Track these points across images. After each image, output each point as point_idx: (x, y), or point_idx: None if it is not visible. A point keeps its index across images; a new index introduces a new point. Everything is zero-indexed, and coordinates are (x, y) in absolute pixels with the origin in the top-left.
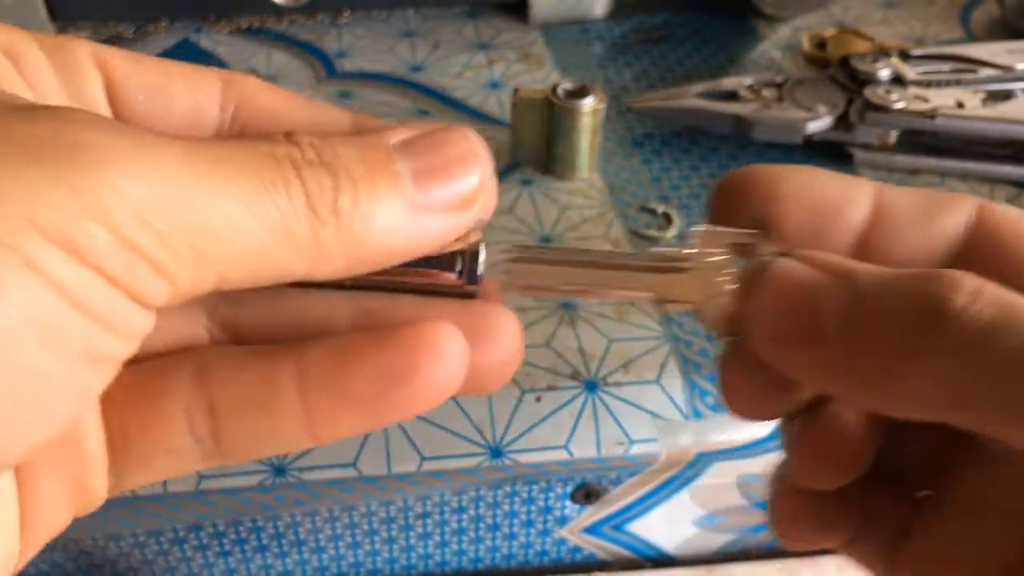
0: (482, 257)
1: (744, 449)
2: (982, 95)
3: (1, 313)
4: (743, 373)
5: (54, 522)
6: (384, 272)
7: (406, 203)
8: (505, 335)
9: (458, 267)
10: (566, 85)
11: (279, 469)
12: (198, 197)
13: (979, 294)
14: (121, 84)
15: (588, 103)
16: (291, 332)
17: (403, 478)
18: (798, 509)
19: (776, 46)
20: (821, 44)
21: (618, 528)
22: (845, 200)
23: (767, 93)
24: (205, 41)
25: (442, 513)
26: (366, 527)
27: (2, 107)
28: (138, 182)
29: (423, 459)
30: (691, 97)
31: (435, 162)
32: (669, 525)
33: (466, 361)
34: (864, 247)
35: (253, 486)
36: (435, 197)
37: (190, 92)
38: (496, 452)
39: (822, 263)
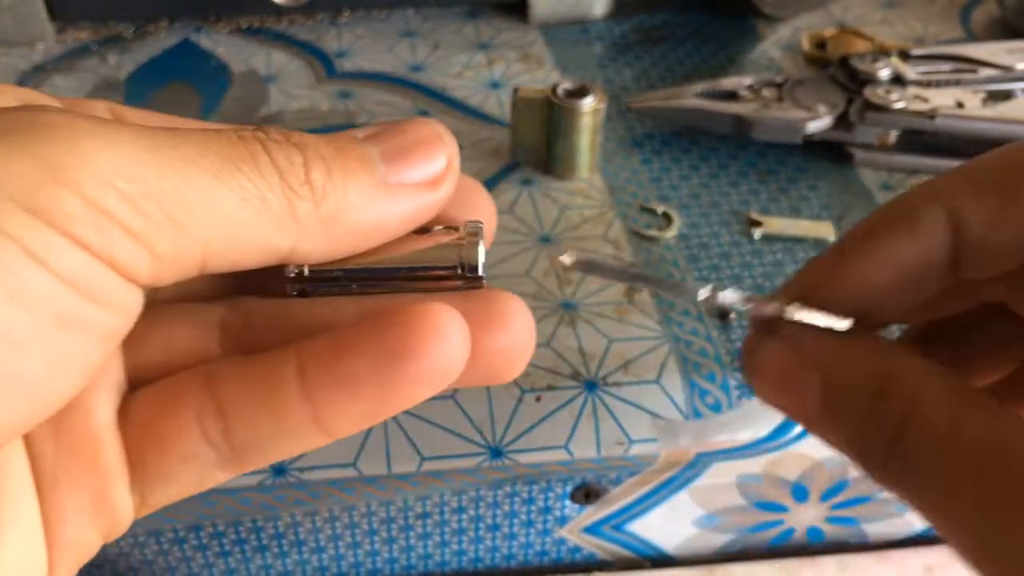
0: (481, 254)
1: (744, 449)
2: (982, 95)
3: None
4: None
5: (81, 544)
6: (385, 275)
7: (377, 180)
8: (513, 321)
9: (458, 265)
10: (566, 85)
11: (279, 469)
12: (166, 165)
13: (904, 426)
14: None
15: (588, 103)
16: (297, 337)
17: (403, 478)
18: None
19: (776, 46)
20: (821, 44)
21: (618, 528)
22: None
23: (767, 93)
24: (205, 41)
25: (442, 513)
26: (366, 527)
27: None
28: (105, 151)
29: (423, 459)
30: (691, 97)
31: (402, 144)
32: (669, 525)
33: (467, 342)
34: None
35: (253, 486)
36: (405, 175)
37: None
38: (496, 452)
39: (804, 348)
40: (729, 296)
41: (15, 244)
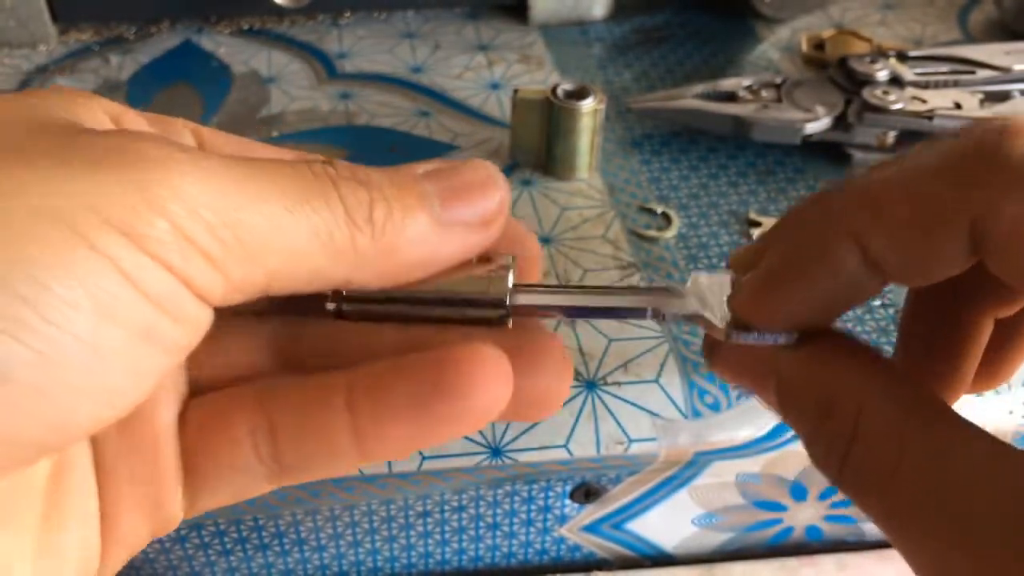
0: (509, 284)
1: (743, 448)
2: (980, 96)
3: (65, 287)
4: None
5: (133, 539)
6: (419, 301)
7: (433, 218)
8: (551, 361)
9: (488, 297)
10: (566, 86)
11: None
12: (244, 198)
13: (850, 446)
14: (211, 147)
15: (588, 103)
16: (346, 362)
17: (403, 477)
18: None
19: (775, 47)
20: (819, 45)
21: (617, 527)
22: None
23: (766, 94)
24: (206, 42)
25: (442, 512)
26: (367, 526)
27: (81, 130)
28: (193, 183)
29: (423, 458)
30: (690, 98)
31: (458, 184)
32: (668, 524)
33: (510, 383)
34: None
35: None
36: (458, 215)
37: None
38: (496, 451)
39: (760, 354)
40: (676, 313)
41: (110, 263)
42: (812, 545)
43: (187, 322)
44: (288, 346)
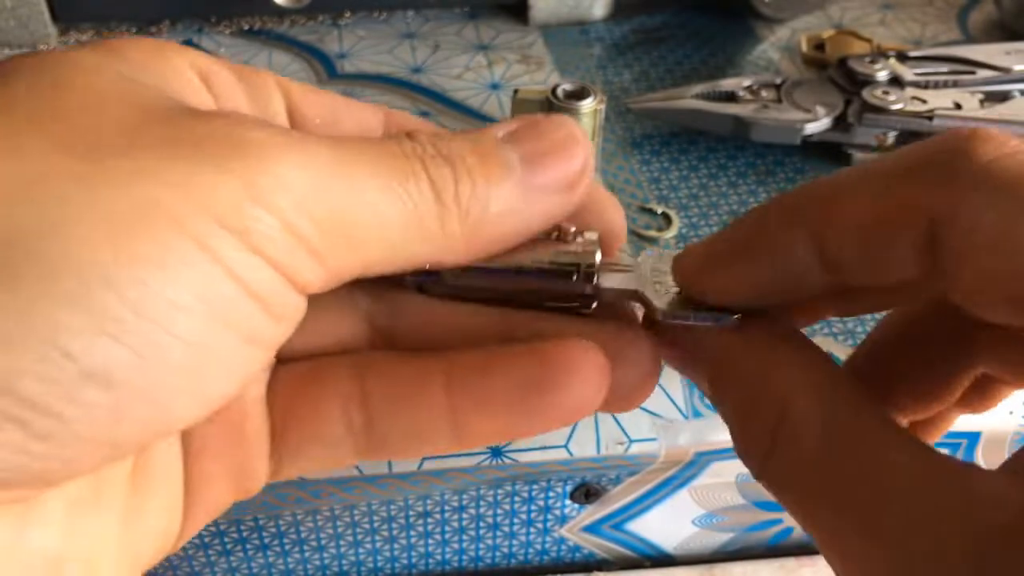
0: (598, 263)
1: None
2: (980, 96)
3: (172, 288)
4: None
5: (217, 503)
6: (510, 280)
7: (517, 186)
8: (641, 357)
9: (575, 277)
10: (566, 86)
11: None
12: (347, 186)
13: (775, 440)
14: (299, 106)
15: (588, 104)
16: (440, 342)
17: (404, 477)
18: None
19: (774, 47)
20: (819, 45)
21: (618, 527)
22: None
23: (765, 94)
24: (207, 42)
25: (442, 512)
26: (367, 526)
27: (181, 111)
28: (298, 173)
29: (424, 458)
30: (690, 98)
31: (541, 148)
32: (668, 524)
33: (606, 380)
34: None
35: None
36: (543, 179)
37: (356, 120)
38: (496, 451)
39: (694, 338)
40: (614, 288)
41: (219, 264)
42: (812, 545)
43: (287, 317)
44: (381, 321)
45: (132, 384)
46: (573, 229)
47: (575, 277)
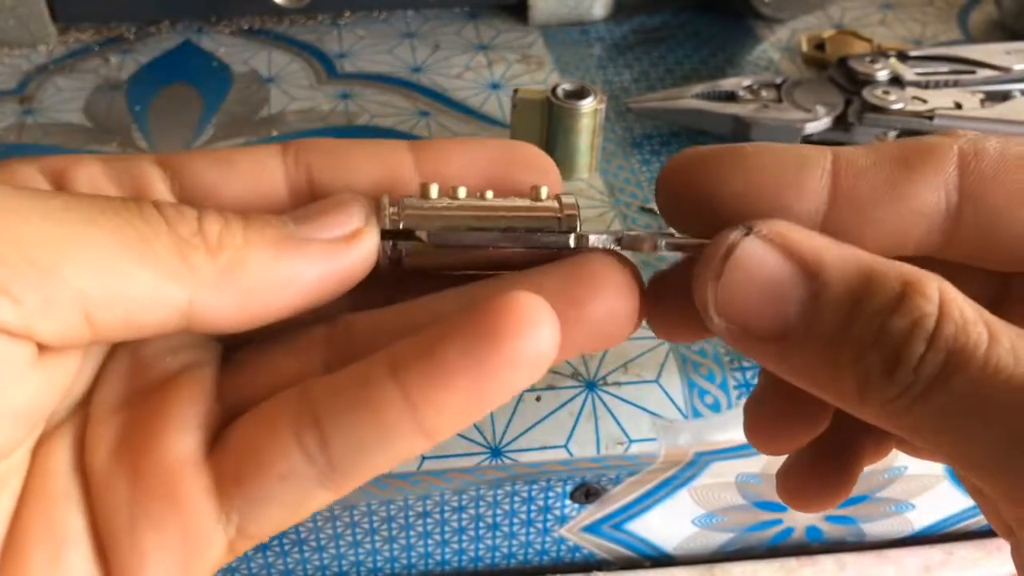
0: (578, 210)
1: (743, 448)
2: (980, 96)
3: None
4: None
5: None
6: (489, 238)
7: (284, 234)
8: (608, 282)
9: (558, 221)
10: (566, 86)
11: None
12: (31, 209)
13: (934, 340)
14: (186, 176)
15: (588, 104)
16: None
17: (403, 477)
18: (772, 430)
19: (775, 47)
20: (819, 45)
21: (617, 527)
22: (796, 182)
23: (766, 94)
24: (206, 42)
25: (442, 512)
26: (366, 526)
27: None
28: None
29: (423, 458)
30: (690, 98)
31: (310, 208)
32: (668, 524)
33: (555, 323)
34: (830, 234)
35: None
36: (315, 232)
37: (252, 161)
38: (496, 451)
39: (791, 247)
40: (601, 240)
41: None
42: (812, 545)
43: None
44: (344, 345)
45: None
46: (546, 189)
47: (558, 226)
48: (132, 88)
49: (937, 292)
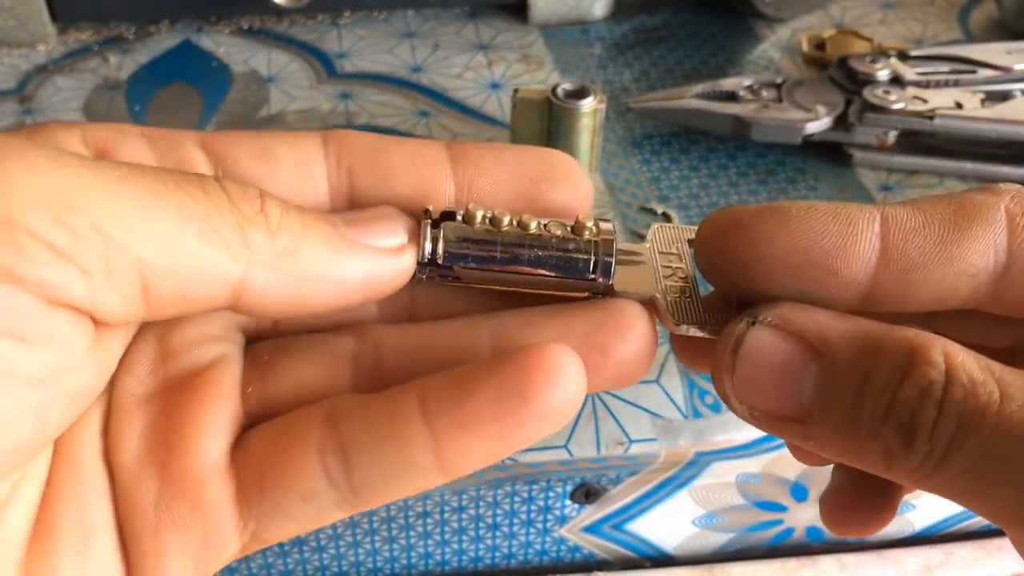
0: (614, 250)
1: (743, 449)
2: (981, 96)
3: None
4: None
5: None
6: (520, 280)
7: (337, 233)
8: (633, 331)
9: (591, 265)
10: (566, 85)
11: None
12: (98, 180)
13: (944, 401)
14: (225, 154)
15: (588, 103)
16: (426, 364)
17: None
18: (848, 514)
19: (775, 47)
20: (820, 45)
21: (618, 527)
22: (844, 247)
23: (766, 94)
24: (206, 42)
25: (442, 512)
26: (366, 526)
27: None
28: (25, 171)
29: None
30: (690, 97)
31: (359, 215)
32: (669, 524)
33: (583, 378)
34: (876, 295)
35: None
36: (363, 235)
37: (291, 147)
38: None
39: (796, 330)
40: (627, 289)
41: None
42: (812, 546)
43: (47, 341)
44: (371, 362)
45: None
46: (590, 223)
47: (591, 270)
48: (132, 88)
49: (942, 357)
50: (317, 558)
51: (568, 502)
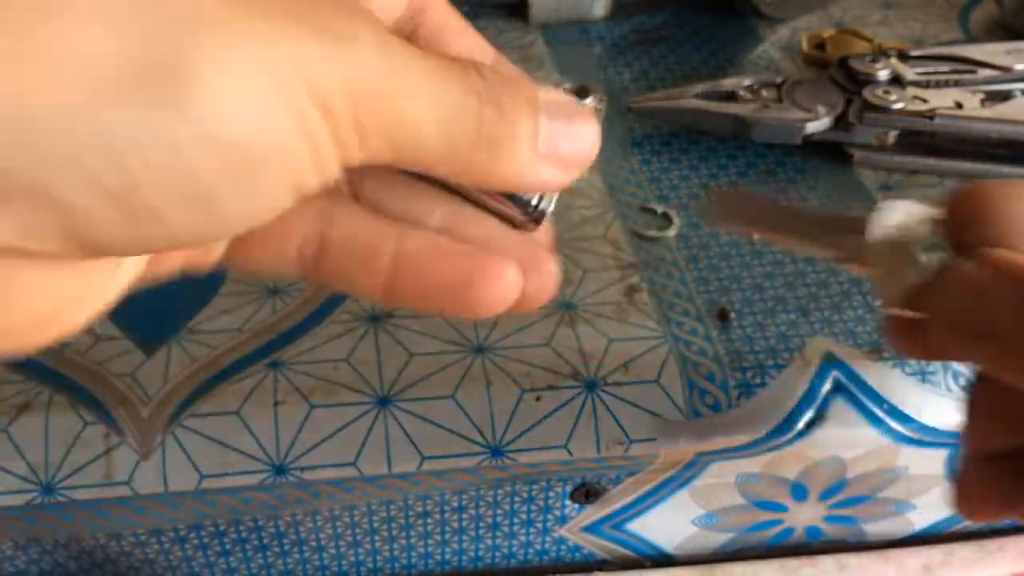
0: (551, 205)
1: (743, 449)
2: (981, 96)
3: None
4: None
5: (168, 269)
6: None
7: (535, 155)
8: (545, 269)
9: (534, 204)
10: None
11: (279, 468)
12: (406, 82)
13: None
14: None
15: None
16: (396, 213)
17: (403, 477)
18: (982, 486)
19: (775, 47)
20: (820, 45)
21: (618, 527)
22: None
23: (766, 94)
24: None
25: (442, 512)
26: (366, 526)
27: None
28: (368, 55)
29: (423, 459)
30: (690, 97)
31: (566, 132)
32: (669, 524)
33: (519, 288)
34: None
35: (254, 485)
36: (556, 159)
37: (465, 46)
38: (496, 451)
39: (1000, 264)
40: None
41: (289, 95)
42: (812, 545)
43: (325, 175)
44: (356, 180)
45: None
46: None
47: (533, 206)
48: None
49: None
50: (317, 558)
51: (568, 502)
